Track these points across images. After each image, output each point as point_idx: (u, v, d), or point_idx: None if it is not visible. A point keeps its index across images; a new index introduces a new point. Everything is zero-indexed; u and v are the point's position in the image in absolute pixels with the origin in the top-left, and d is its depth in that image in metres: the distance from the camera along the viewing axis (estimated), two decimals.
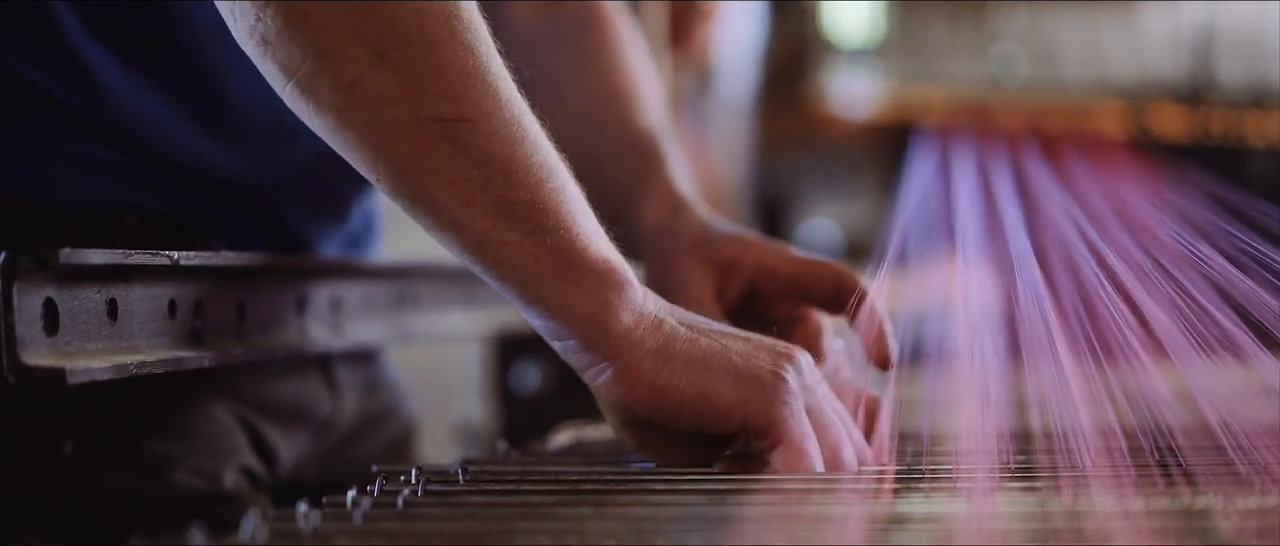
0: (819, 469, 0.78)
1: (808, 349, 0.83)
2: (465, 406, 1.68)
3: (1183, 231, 0.96)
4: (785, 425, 0.78)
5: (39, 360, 0.71)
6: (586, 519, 0.68)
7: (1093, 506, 0.66)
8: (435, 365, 1.65)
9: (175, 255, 0.81)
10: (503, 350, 1.55)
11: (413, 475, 0.77)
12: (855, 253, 2.94)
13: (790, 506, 0.69)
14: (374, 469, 0.78)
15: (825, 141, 3.09)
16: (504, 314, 1.40)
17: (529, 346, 1.52)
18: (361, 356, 1.13)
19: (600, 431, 1.08)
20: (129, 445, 0.91)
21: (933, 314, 1.09)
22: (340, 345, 1.04)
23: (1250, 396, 0.89)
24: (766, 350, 0.80)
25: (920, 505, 0.70)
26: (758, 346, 0.81)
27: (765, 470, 0.77)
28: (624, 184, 1.00)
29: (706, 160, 2.88)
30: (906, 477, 0.77)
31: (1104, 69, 2.84)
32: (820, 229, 3.31)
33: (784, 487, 0.73)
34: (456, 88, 0.75)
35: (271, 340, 0.93)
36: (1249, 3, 2.87)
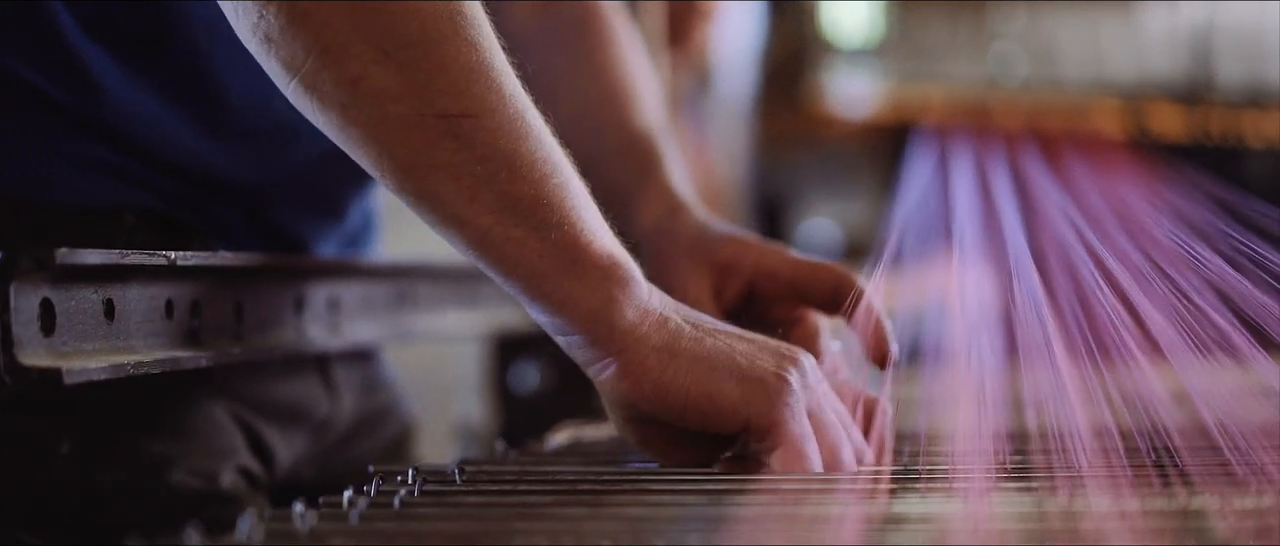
0: (817, 471, 0.78)
1: (806, 350, 0.83)
2: (464, 406, 1.68)
3: (1180, 231, 0.96)
4: (786, 427, 0.78)
5: (35, 360, 0.71)
6: (583, 519, 0.68)
7: (1089, 507, 0.66)
8: (434, 365, 1.65)
9: (172, 255, 0.81)
10: (501, 350, 1.54)
11: (409, 475, 0.77)
12: (854, 252, 2.94)
13: (787, 506, 0.69)
14: (371, 469, 0.78)
15: (824, 141, 3.09)
16: (503, 313, 1.40)
17: (528, 346, 1.51)
18: (360, 356, 1.13)
19: (598, 431, 1.08)
20: (126, 445, 0.91)
21: (930, 314, 1.09)
22: (338, 345, 1.04)
23: (1247, 397, 0.89)
24: (770, 351, 0.80)
25: (916, 505, 0.70)
26: (762, 347, 0.81)
27: (764, 471, 0.77)
28: (621, 184, 1.00)
29: (705, 160, 2.88)
30: (903, 478, 0.77)
31: (1103, 69, 2.84)
32: (819, 229, 3.31)
33: (781, 488, 0.73)
34: (460, 84, 0.75)
35: (269, 340, 0.93)
36: (1248, 3, 2.87)
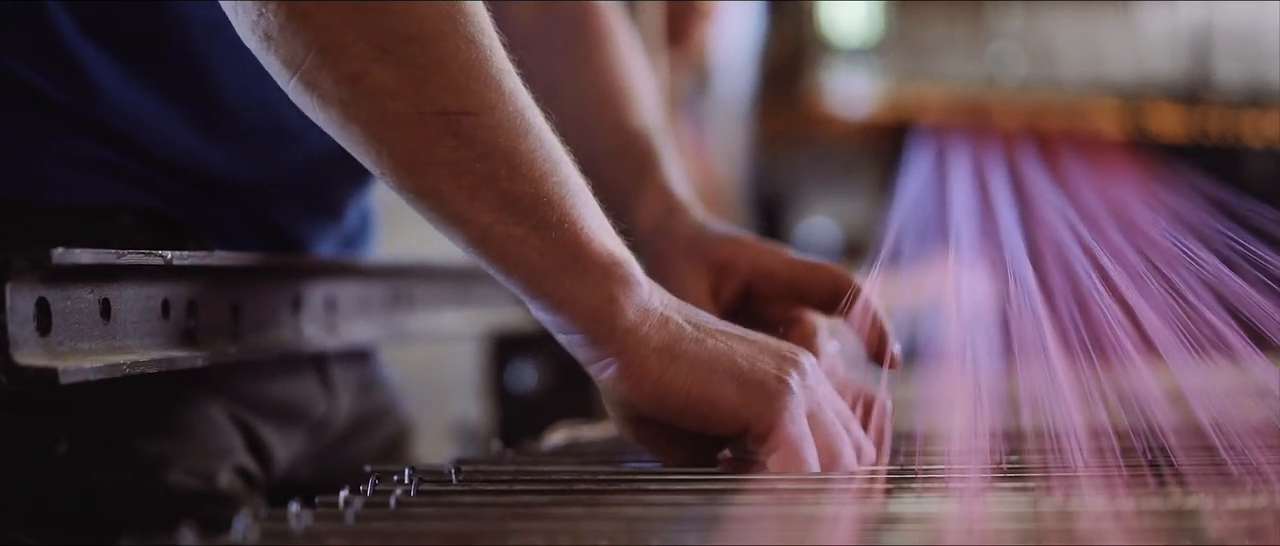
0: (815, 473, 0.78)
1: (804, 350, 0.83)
2: (461, 406, 1.68)
3: (1177, 231, 0.96)
4: (785, 430, 0.77)
5: (31, 360, 0.71)
6: (580, 519, 0.68)
7: (1084, 506, 0.65)
8: (432, 364, 1.65)
9: (168, 255, 0.81)
10: (499, 349, 1.55)
11: (406, 475, 0.77)
12: (853, 251, 2.95)
13: (784, 506, 0.69)
14: (367, 468, 0.78)
15: (823, 140, 3.09)
16: (500, 313, 1.40)
17: (525, 345, 1.52)
18: (357, 356, 1.13)
19: (596, 431, 1.08)
20: (123, 445, 0.91)
21: (927, 313, 1.09)
22: (335, 344, 1.04)
23: (1242, 397, 0.89)
24: (771, 353, 0.80)
25: (912, 505, 0.70)
26: (762, 349, 0.80)
27: (761, 472, 0.77)
28: (619, 185, 1.00)
29: (704, 159, 2.88)
30: (899, 477, 0.77)
31: (1101, 68, 2.84)
32: (818, 228, 3.31)
33: (778, 488, 0.73)
34: (459, 81, 0.74)
35: (266, 340, 0.93)
36: (1246, 2, 2.87)
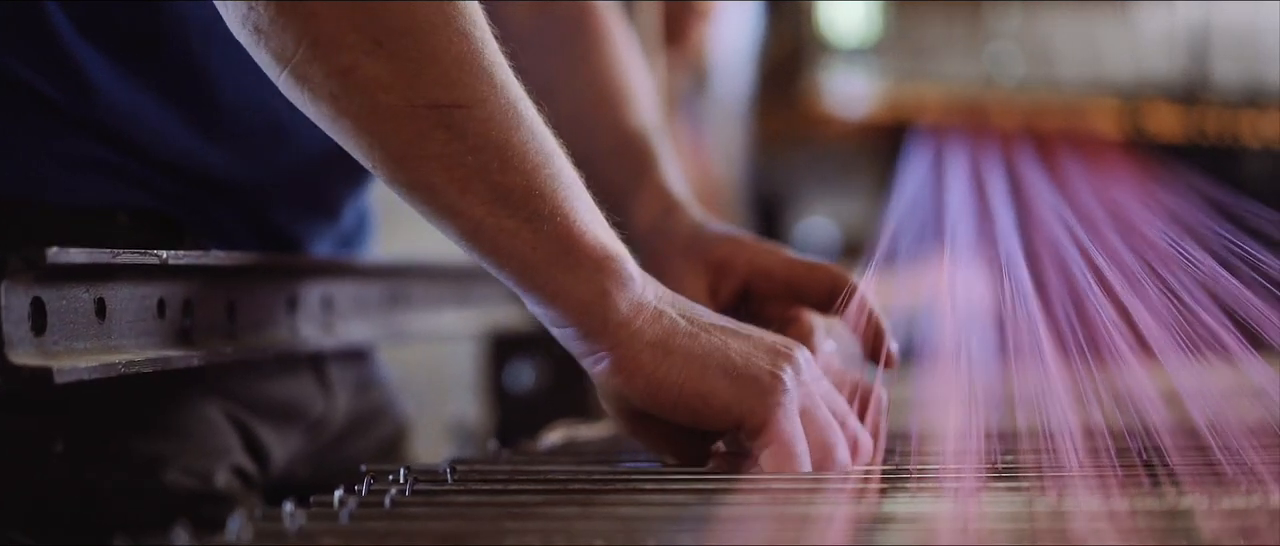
0: (808, 469, 0.78)
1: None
2: (459, 405, 1.68)
3: (1173, 232, 0.96)
4: (777, 426, 0.77)
5: (26, 359, 0.71)
6: (574, 518, 0.68)
7: (1078, 506, 0.66)
8: (429, 364, 1.65)
9: (164, 254, 0.81)
10: (496, 349, 1.54)
11: (401, 474, 0.77)
12: (852, 251, 2.95)
13: (779, 506, 0.69)
14: (362, 468, 0.78)
15: (821, 140, 3.09)
16: (498, 313, 1.40)
17: (523, 345, 1.51)
18: (354, 355, 1.13)
19: (592, 430, 1.08)
20: (120, 444, 0.91)
21: (923, 313, 1.09)
22: (332, 344, 1.04)
23: (1237, 397, 0.89)
24: (766, 349, 0.80)
25: (906, 505, 0.70)
26: (757, 344, 0.80)
27: (754, 468, 0.77)
28: (616, 185, 1.00)
29: (703, 159, 2.88)
30: (893, 477, 0.77)
31: (1099, 68, 2.84)
32: (816, 227, 3.31)
33: (773, 487, 0.73)
34: (451, 73, 0.74)
35: (262, 339, 0.93)
36: (1244, 2, 2.87)
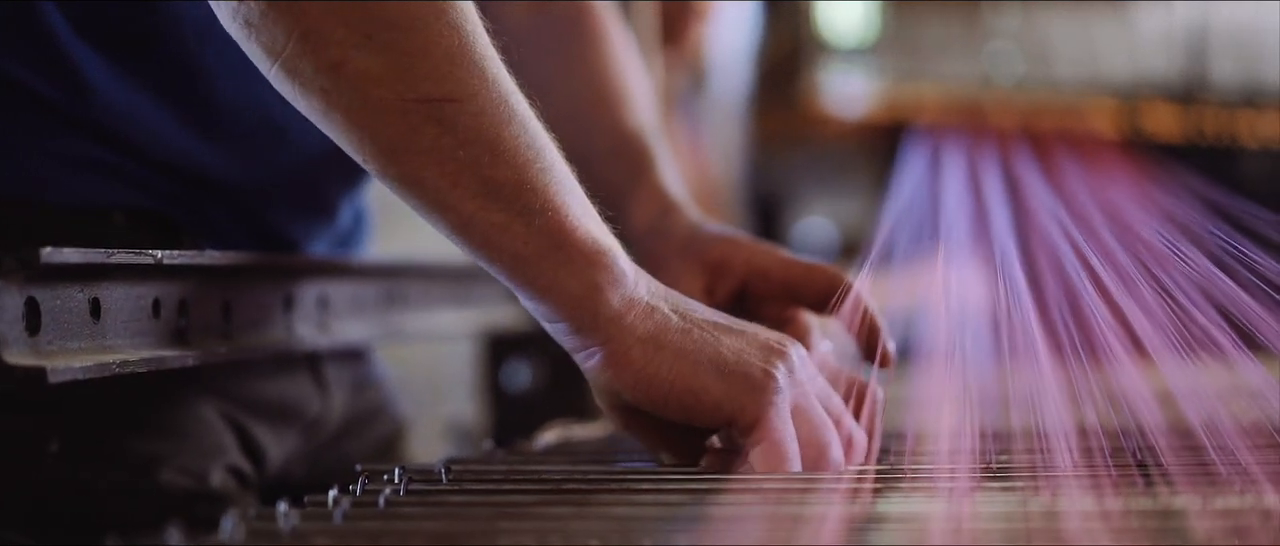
0: (798, 468, 0.78)
1: None
2: (455, 405, 1.68)
3: (1169, 232, 0.96)
4: (769, 424, 0.77)
5: (20, 359, 0.71)
6: (569, 518, 0.67)
7: (1071, 506, 0.66)
8: (426, 364, 1.65)
9: (158, 254, 0.81)
10: (493, 349, 1.54)
11: (396, 474, 0.77)
12: (850, 251, 2.94)
13: (773, 506, 0.69)
14: (357, 468, 0.78)
15: (819, 140, 3.09)
16: (495, 312, 1.40)
17: (520, 345, 1.51)
18: (351, 355, 1.13)
19: (588, 430, 1.08)
20: (115, 444, 0.91)
21: (919, 313, 1.09)
22: (328, 344, 1.04)
23: (1231, 397, 0.89)
24: (759, 345, 0.80)
25: (899, 505, 0.70)
26: (750, 341, 0.80)
27: (745, 466, 0.77)
28: (614, 185, 1.00)
29: (700, 159, 2.88)
30: (887, 477, 0.77)
31: (1097, 68, 2.84)
32: (815, 228, 3.31)
33: (767, 487, 0.73)
34: (442, 67, 0.74)
35: (257, 339, 0.93)
36: (1242, 2, 2.87)
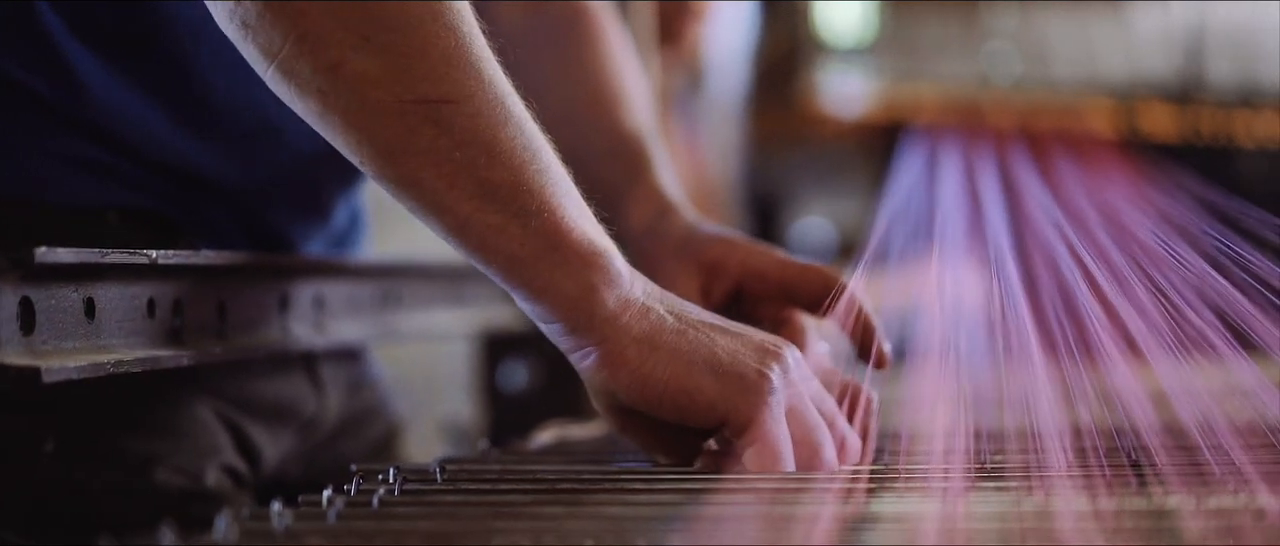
0: (792, 469, 0.78)
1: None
2: (452, 405, 1.68)
3: (1165, 232, 0.96)
4: (763, 425, 0.77)
5: (14, 359, 0.71)
6: (563, 518, 0.68)
7: (1064, 506, 0.66)
8: (422, 364, 1.65)
9: (153, 254, 0.81)
10: (490, 348, 1.55)
11: (390, 474, 0.77)
12: (848, 251, 2.94)
13: (766, 506, 0.69)
14: (352, 468, 0.78)
15: (817, 140, 3.09)
16: (491, 312, 1.40)
17: (516, 345, 1.52)
18: (347, 355, 1.13)
19: (583, 430, 1.08)
20: (110, 444, 0.91)
21: (914, 313, 1.09)
22: (323, 344, 1.04)
23: (1225, 397, 0.89)
24: (754, 347, 0.80)
25: (892, 505, 0.70)
26: (746, 342, 0.80)
27: (739, 467, 0.78)
28: (610, 186, 1.00)
29: (698, 159, 2.88)
30: (881, 477, 0.77)
31: (1095, 68, 2.85)
32: (812, 228, 3.31)
33: (761, 487, 0.73)
34: (439, 69, 0.74)
35: (252, 339, 0.93)
36: (1239, 2, 2.87)
